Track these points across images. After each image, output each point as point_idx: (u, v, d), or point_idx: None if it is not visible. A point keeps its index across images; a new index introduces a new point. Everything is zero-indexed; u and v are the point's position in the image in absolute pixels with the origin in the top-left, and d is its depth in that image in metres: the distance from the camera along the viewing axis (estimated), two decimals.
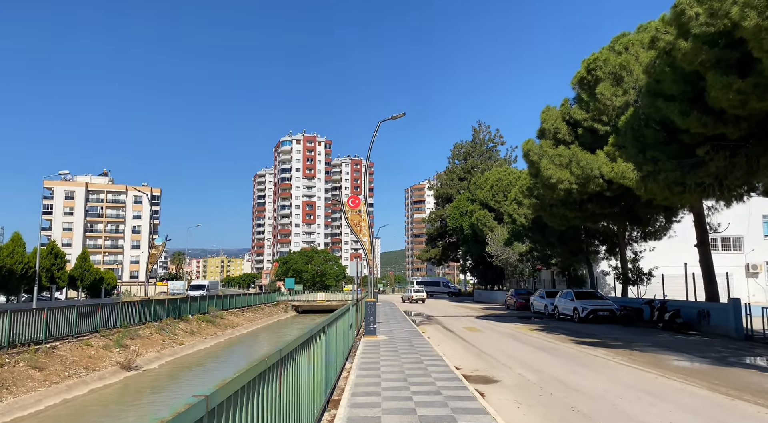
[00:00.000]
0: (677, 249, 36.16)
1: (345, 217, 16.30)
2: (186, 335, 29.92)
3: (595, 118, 20.36)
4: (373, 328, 16.35)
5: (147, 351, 23.93)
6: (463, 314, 33.88)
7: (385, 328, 21.19)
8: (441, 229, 70.15)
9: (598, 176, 19.88)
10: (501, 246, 46.21)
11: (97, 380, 18.44)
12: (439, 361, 12.01)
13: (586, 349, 15.52)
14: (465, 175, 68.75)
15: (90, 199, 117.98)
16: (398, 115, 17.02)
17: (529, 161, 22.48)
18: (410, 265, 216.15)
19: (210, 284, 67.02)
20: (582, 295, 27.53)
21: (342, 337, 11.64)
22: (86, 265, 47.96)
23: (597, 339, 18.43)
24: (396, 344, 15.15)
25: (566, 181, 20.65)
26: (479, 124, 70.95)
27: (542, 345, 16.71)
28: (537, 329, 22.61)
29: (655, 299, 24.06)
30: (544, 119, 23.02)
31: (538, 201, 24.06)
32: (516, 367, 12.21)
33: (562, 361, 13.17)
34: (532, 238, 35.28)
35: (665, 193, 15.31)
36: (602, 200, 21.30)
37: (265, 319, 48.94)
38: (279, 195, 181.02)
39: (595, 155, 20.01)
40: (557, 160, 21.04)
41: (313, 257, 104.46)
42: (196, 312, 35.89)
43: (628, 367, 12.16)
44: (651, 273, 28.73)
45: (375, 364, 11.51)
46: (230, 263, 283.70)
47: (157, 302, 29.97)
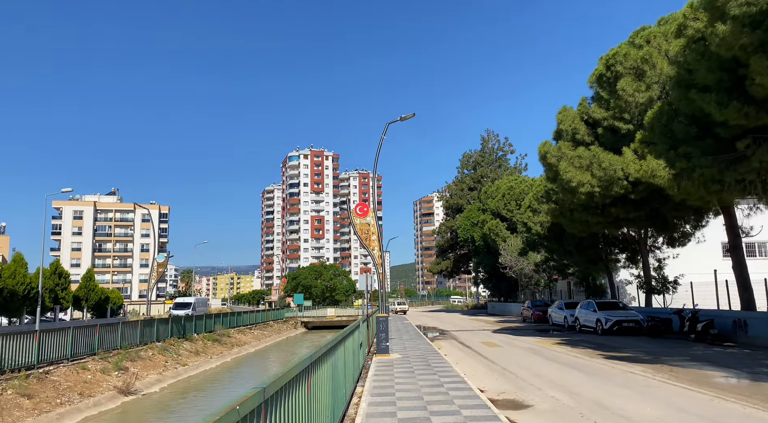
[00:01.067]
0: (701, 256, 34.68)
1: (353, 225, 15.13)
2: (190, 355, 28.73)
3: (616, 116, 19.14)
4: (385, 346, 15.09)
5: (148, 373, 22.74)
6: (479, 328, 32.46)
7: (398, 344, 19.90)
8: (452, 240, 68.77)
9: (622, 178, 18.61)
10: (515, 256, 44.79)
11: (92, 407, 17.25)
12: (460, 382, 10.73)
13: (619, 365, 14.16)
14: (475, 184, 67.51)
15: (98, 218, 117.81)
16: (407, 115, 15.91)
17: (546, 164, 21.28)
18: (421, 279, 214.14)
19: (197, 301, 56.40)
20: (604, 305, 26.08)
21: (351, 357, 10.43)
22: (91, 285, 47.01)
23: (627, 353, 17.04)
24: (411, 363, 13.88)
25: (587, 184, 19.39)
26: (488, 132, 69.92)
27: (569, 361, 15.35)
28: (559, 343, 21.22)
29: (684, 309, 22.60)
30: (561, 120, 21.84)
31: (556, 206, 22.79)
32: (546, 388, 10.89)
33: (596, 380, 11.83)
34: (548, 247, 33.91)
35: (701, 192, 14.04)
36: (626, 204, 20.00)
37: (274, 337, 47.66)
38: (287, 210, 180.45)
39: (618, 156, 18.76)
40: (577, 162, 19.81)
41: (323, 272, 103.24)
42: (202, 331, 34.73)
43: (674, 386, 10.81)
44: (677, 281, 27.27)
45: (389, 387, 10.26)
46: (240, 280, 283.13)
47: (160, 321, 28.85)
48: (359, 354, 12.74)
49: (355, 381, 11.35)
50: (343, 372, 8.60)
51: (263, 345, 41.49)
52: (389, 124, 16.05)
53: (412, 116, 16.01)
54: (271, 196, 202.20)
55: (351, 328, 10.62)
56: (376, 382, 10.86)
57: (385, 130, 15.89)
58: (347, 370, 9.40)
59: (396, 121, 16.03)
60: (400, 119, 15.99)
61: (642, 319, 24.33)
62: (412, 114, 16.07)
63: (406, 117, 15.96)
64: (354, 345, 11.36)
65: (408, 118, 16.00)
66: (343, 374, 8.57)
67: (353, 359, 10.80)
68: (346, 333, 9.47)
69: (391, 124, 16.03)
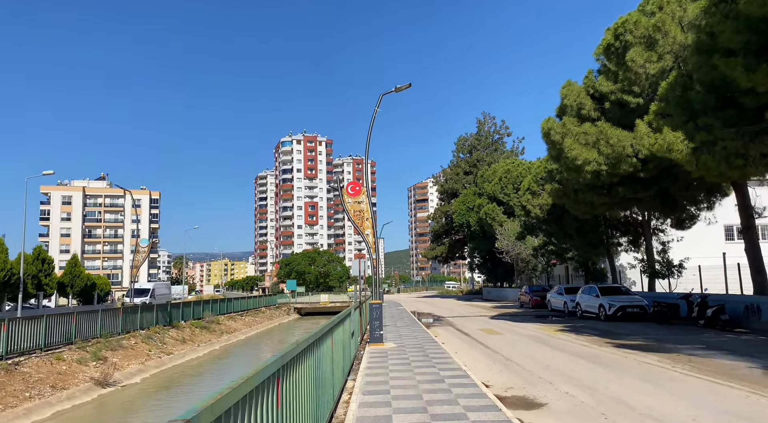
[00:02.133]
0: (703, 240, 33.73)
1: (344, 205, 13.91)
2: (176, 343, 27.58)
3: (624, 89, 17.91)
4: (379, 335, 13.97)
5: (129, 363, 21.59)
6: (476, 314, 31.47)
7: (392, 332, 18.81)
8: (446, 225, 67.69)
9: (631, 155, 17.44)
10: (512, 241, 43.77)
11: (64, 400, 16.09)
12: (462, 376, 9.62)
13: (631, 354, 13.10)
14: (471, 169, 66.27)
15: (88, 203, 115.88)
16: (403, 86, 14.63)
17: (549, 142, 20.06)
18: (415, 264, 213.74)
19: (156, 287, 45.93)
20: (607, 290, 25.08)
21: (341, 350, 9.28)
22: (76, 271, 45.65)
23: (637, 340, 16.01)
24: (407, 353, 12.77)
25: (594, 162, 18.22)
26: (484, 115, 68.50)
27: (577, 350, 14.29)
28: (562, 330, 20.19)
29: (692, 293, 21.61)
30: (565, 95, 20.58)
31: (560, 186, 21.62)
32: (559, 383, 9.80)
33: (611, 372, 10.74)
34: (548, 231, 32.84)
35: (721, 168, 12.90)
36: (634, 183, 18.86)
37: (266, 323, 46.61)
38: (280, 196, 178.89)
39: (627, 131, 17.57)
40: (583, 138, 18.61)
41: (316, 258, 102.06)
42: (190, 318, 33.59)
43: (699, 379, 9.74)
44: (682, 264, 26.25)
45: (383, 382, 9.13)
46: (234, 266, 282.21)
47: (144, 308, 27.63)
48: (351, 344, 11.62)
49: (345, 375, 10.22)
50: (330, 369, 7.45)
51: (254, 332, 40.43)
52: (383, 96, 14.78)
53: (408, 86, 14.74)
54: (264, 182, 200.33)
55: (340, 317, 9.46)
56: (369, 376, 9.73)
57: (378, 102, 14.63)
58: (336, 366, 8.26)
59: (390, 92, 14.76)
60: (395, 90, 14.72)
61: (647, 304, 23.35)
62: (408, 84, 14.80)
63: (401, 87, 14.68)
64: (344, 336, 10.22)
65: (403, 89, 14.72)
66: (330, 371, 7.42)
67: (343, 352, 9.67)
68: (335, 323, 8.31)
69: (385, 96, 14.77)
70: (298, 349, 4.90)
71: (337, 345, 8.71)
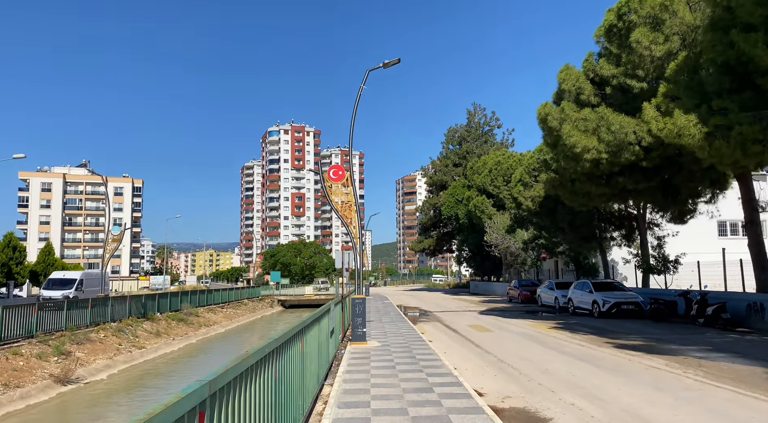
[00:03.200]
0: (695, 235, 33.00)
1: (326, 191, 12.68)
2: (150, 337, 26.22)
3: (628, 73, 16.81)
4: (362, 333, 12.79)
5: (96, 358, 20.23)
6: (464, 309, 30.44)
7: (377, 328, 17.66)
8: (435, 218, 66.65)
9: (633, 143, 16.37)
10: (502, 234, 42.80)
11: (17, 400, 14.74)
12: (453, 383, 8.48)
13: (635, 356, 12.06)
14: (460, 160, 65.20)
15: (68, 191, 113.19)
16: (391, 61, 13.39)
17: (546, 128, 18.94)
18: (402, 258, 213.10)
19: (85, 277, 38.14)
20: (601, 286, 24.14)
21: (316, 353, 8.09)
22: (50, 259, 43.88)
23: (637, 340, 15.02)
24: (392, 354, 11.61)
25: (593, 149, 17.14)
26: (474, 106, 67.39)
27: (575, 351, 13.24)
28: (556, 327, 19.18)
29: (691, 290, 20.69)
30: (563, 79, 19.45)
31: (556, 176, 20.54)
32: (562, 390, 8.70)
33: (618, 378, 9.67)
34: (539, 224, 31.85)
35: (736, 155, 11.87)
36: (636, 173, 17.83)
37: (248, 316, 45.27)
38: (267, 187, 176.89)
39: (629, 117, 16.49)
40: (582, 125, 17.51)
41: (302, 250, 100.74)
42: (166, 310, 32.19)
43: (717, 387, 8.69)
44: (678, 260, 25.39)
45: (363, 391, 7.95)
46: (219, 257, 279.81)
47: (116, 299, 26.22)
48: (329, 344, 10.43)
49: (322, 379, 9.05)
50: (299, 378, 6.27)
51: (235, 325, 39.10)
52: (370, 71, 13.52)
53: (397, 62, 13.50)
54: (250, 172, 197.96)
55: (316, 315, 8.26)
56: (347, 383, 8.54)
57: (364, 79, 13.38)
58: (308, 373, 7.07)
59: (378, 68, 13.51)
60: (383, 65, 13.47)
61: (642, 301, 22.45)
62: (397, 59, 13.55)
63: (390, 63, 13.45)
64: (321, 336, 9.03)
65: (392, 65, 13.49)
66: (299, 381, 6.24)
67: (319, 355, 8.48)
68: (307, 323, 7.11)
69: (371, 72, 13.51)
70: (246, 364, 3.70)
71: (310, 348, 7.52)
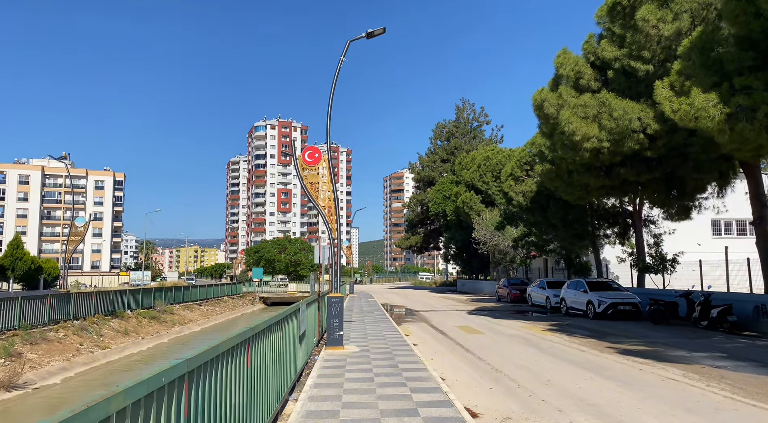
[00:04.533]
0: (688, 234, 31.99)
1: (299, 176, 11.17)
2: (117, 336, 24.52)
3: (632, 54, 15.48)
4: (338, 336, 11.31)
5: (51, 360, 18.54)
6: (451, 308, 29.08)
7: (358, 330, 16.19)
8: (422, 214, 65.29)
9: (638, 130, 15.05)
10: (490, 231, 41.51)
11: None
12: (442, 400, 7.05)
13: (645, 365, 10.73)
14: (448, 156, 63.87)
15: (47, 183, 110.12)
16: (376, 30, 11.90)
17: (542, 115, 17.58)
18: (389, 255, 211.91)
19: None
20: (596, 285, 22.87)
21: (276, 364, 6.59)
22: (18, 253, 41.82)
23: (641, 345, 13.71)
24: (371, 362, 10.15)
25: (594, 138, 15.81)
26: (463, 102, 66.09)
27: (577, 357, 11.88)
28: (551, 329, 17.86)
29: (693, 291, 19.48)
30: (561, 64, 18.09)
31: (552, 167, 19.19)
32: (570, 409, 7.30)
33: (633, 392, 8.31)
34: (530, 220, 30.56)
35: (761, 139, 10.58)
36: (639, 163, 16.54)
37: (227, 314, 43.59)
38: (253, 182, 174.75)
39: (634, 102, 15.16)
40: (581, 111, 16.16)
41: (287, 246, 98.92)
42: (138, 307, 30.46)
43: (754, 407, 7.35)
44: (676, 259, 24.23)
45: (331, 413, 6.47)
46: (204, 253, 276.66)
47: (80, 295, 24.46)
48: (297, 351, 8.94)
49: (285, 394, 7.56)
50: (247, 398, 4.79)
51: (212, 323, 37.42)
52: (351, 42, 12.02)
53: (382, 31, 12.01)
54: (236, 167, 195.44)
55: (276, 318, 6.77)
56: (313, 401, 7.04)
57: (345, 50, 11.88)
58: (261, 391, 5.59)
59: (360, 38, 12.00)
60: (366, 35, 11.97)
61: (639, 301, 21.24)
62: (382, 29, 12.08)
63: (375, 32, 11.95)
64: (285, 342, 7.54)
65: (376, 35, 12.00)
66: (246, 402, 4.75)
67: (280, 366, 6.98)
68: (260, 329, 5.63)
69: (353, 42, 12.01)
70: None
71: (268, 359, 6.04)
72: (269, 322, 6.01)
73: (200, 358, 3.53)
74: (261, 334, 5.75)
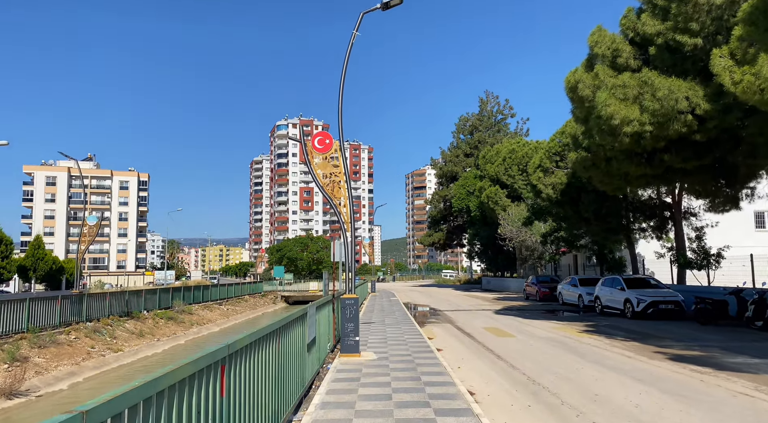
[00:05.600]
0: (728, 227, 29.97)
1: (309, 165, 10.02)
2: (131, 338, 23.79)
3: (678, 27, 13.94)
4: (353, 343, 10.13)
5: (59, 364, 17.77)
6: (477, 307, 27.72)
7: (377, 334, 15.02)
8: (445, 211, 63.81)
9: (685, 110, 13.53)
10: (517, 226, 39.94)
11: None
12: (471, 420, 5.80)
13: (706, 374, 9.31)
14: (472, 150, 62.27)
15: (73, 185, 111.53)
16: (392, 1, 10.66)
17: (576, 99, 16.12)
18: (411, 252, 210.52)
19: None
20: (633, 282, 21.30)
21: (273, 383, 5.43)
22: (39, 253, 41.71)
23: (694, 350, 12.23)
24: (390, 372, 8.95)
25: (635, 121, 14.32)
26: (486, 94, 64.34)
27: (624, 365, 10.49)
28: (587, 331, 16.42)
29: (745, 288, 17.83)
30: (595, 42, 16.58)
31: (588, 155, 17.70)
32: None
33: (703, 412, 6.95)
34: (561, 215, 28.97)
35: None
36: (685, 149, 14.99)
37: (247, 313, 42.88)
38: (276, 181, 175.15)
39: (681, 80, 13.64)
40: (620, 92, 14.67)
41: (309, 244, 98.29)
42: (155, 307, 29.79)
43: None
44: (720, 254, 22.49)
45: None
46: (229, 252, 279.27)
47: (93, 296, 23.78)
48: (304, 362, 7.78)
49: (290, 413, 6.41)
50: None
51: (231, 323, 36.67)
52: (364, 14, 10.82)
53: (399, 2, 10.77)
54: (259, 166, 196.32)
55: (272, 327, 5.61)
56: None
57: (358, 23, 10.69)
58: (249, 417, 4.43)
59: (375, 10, 10.79)
60: (381, 7, 10.75)
61: (683, 299, 19.62)
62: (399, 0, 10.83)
63: (390, 3, 10.72)
64: (291, 352, 6.38)
65: (392, 6, 10.76)
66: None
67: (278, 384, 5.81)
68: (240, 346, 4.47)
69: (367, 14, 10.80)
70: None
71: (261, 379, 4.88)
72: (255, 336, 4.84)
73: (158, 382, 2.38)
74: (246, 350, 4.59)
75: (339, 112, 10.14)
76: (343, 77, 10.26)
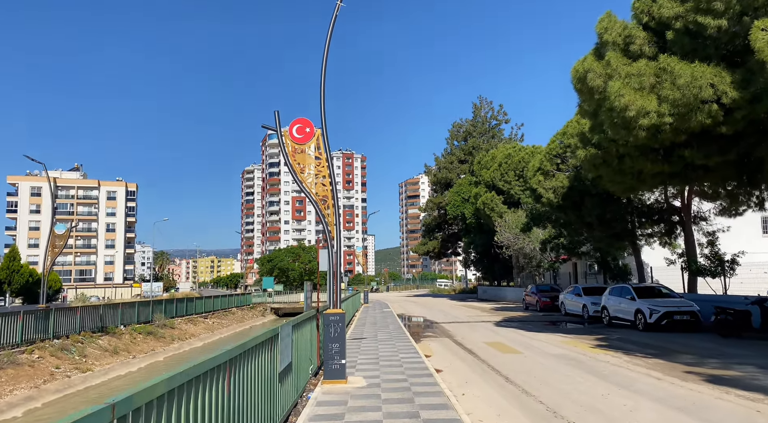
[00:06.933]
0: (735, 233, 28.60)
1: (285, 156, 8.49)
2: (103, 355, 22.01)
3: (700, 8, 12.57)
4: (338, 367, 8.53)
5: (15, 388, 16.01)
6: (476, 318, 26.14)
7: (368, 352, 13.42)
8: (439, 218, 62.33)
9: (710, 99, 12.11)
10: (515, 233, 38.47)
11: None
12: None
13: (758, 402, 7.81)
14: (466, 157, 60.94)
15: (59, 195, 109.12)
16: None
17: (585, 90, 14.70)
18: (406, 262, 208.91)
19: None
20: (644, 291, 19.85)
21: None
22: (15, 265, 39.78)
23: (730, 370, 10.72)
24: (381, 404, 7.36)
25: (652, 112, 12.90)
26: (480, 100, 63.13)
27: (655, 389, 8.96)
28: (600, 346, 14.89)
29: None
30: (605, 29, 15.21)
31: (598, 151, 16.25)
32: None
33: None
34: (562, 220, 27.55)
35: None
36: (708, 143, 13.59)
37: (234, 326, 41.02)
38: (267, 191, 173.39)
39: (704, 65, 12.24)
40: (635, 81, 13.27)
41: (301, 254, 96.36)
42: (133, 321, 27.97)
43: None
44: (735, 260, 21.10)
45: None
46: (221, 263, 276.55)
47: (61, 311, 21.97)
48: (277, 394, 6.19)
49: None
50: None
51: (217, 337, 34.83)
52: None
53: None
54: (251, 176, 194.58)
55: (216, 361, 4.04)
56: None
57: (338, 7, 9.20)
58: None
59: None
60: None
61: (698, 309, 18.17)
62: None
63: None
64: (253, 385, 4.80)
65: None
66: None
67: None
68: (165, 391, 2.90)
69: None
70: None
71: None
72: (178, 380, 3.26)
73: None
74: (158, 403, 3.01)
75: (321, 87, 8.62)
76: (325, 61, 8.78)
